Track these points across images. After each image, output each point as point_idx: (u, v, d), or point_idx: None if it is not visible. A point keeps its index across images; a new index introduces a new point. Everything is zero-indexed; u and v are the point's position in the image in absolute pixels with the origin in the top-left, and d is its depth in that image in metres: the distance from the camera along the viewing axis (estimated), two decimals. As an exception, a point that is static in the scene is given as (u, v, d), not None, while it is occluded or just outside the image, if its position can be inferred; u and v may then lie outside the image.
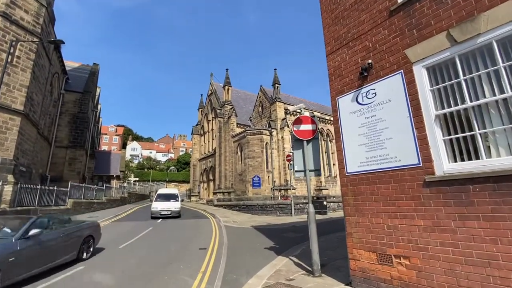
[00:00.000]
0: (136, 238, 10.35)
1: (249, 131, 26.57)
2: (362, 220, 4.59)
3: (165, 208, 17.00)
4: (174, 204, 17.55)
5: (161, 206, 17.09)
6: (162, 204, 17.34)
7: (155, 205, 17.29)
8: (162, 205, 17.21)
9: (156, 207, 16.96)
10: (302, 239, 9.85)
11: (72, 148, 21.69)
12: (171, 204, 17.41)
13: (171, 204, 17.49)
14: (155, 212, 16.76)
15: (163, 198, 18.37)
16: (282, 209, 19.85)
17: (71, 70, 25.36)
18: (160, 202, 17.70)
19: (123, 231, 12.12)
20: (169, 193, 19.49)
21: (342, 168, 5.05)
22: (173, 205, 17.45)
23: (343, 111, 5.20)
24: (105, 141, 72.10)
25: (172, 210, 17.05)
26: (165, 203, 17.49)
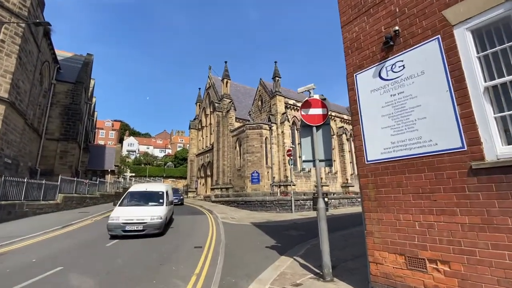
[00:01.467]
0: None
1: (248, 125, 25.77)
2: (386, 216, 3.85)
3: (135, 218, 9.19)
4: (152, 211, 9.68)
5: (128, 214, 9.31)
6: (131, 211, 9.56)
7: (117, 212, 9.44)
8: (130, 212, 9.43)
9: (117, 217, 9.11)
10: (305, 237, 9.15)
11: (64, 141, 20.79)
12: (146, 212, 9.61)
13: (147, 211, 9.69)
14: (113, 227, 8.97)
15: (138, 199, 10.71)
16: (282, 205, 19.16)
17: (64, 60, 24.34)
18: (128, 207, 9.90)
19: (114, 227, 11.34)
20: (149, 192, 11.18)
21: (361, 156, 4.30)
22: (150, 212, 9.59)
23: (363, 89, 4.43)
24: (102, 136, 70.96)
25: (148, 222, 9.18)
26: (138, 209, 9.78)
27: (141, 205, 10.31)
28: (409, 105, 3.78)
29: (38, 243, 8.35)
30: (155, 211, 9.73)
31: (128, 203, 10.43)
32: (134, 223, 9.11)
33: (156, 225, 9.29)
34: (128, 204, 10.34)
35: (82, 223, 12.58)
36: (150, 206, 10.23)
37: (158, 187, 11.80)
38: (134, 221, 9.14)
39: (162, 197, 10.85)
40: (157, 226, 9.29)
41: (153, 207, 10.16)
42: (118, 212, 9.51)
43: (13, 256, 6.77)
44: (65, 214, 14.76)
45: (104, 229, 10.77)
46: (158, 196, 10.96)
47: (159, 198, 10.83)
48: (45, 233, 9.59)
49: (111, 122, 76.68)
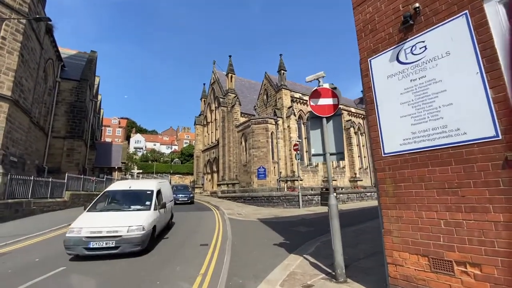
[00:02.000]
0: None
1: (254, 120, 25.42)
2: (406, 214, 3.51)
3: (105, 230, 6.35)
4: (131, 219, 6.80)
5: (96, 224, 6.53)
6: (102, 219, 6.80)
7: (81, 221, 6.67)
8: (100, 221, 6.65)
9: (79, 229, 6.37)
10: (314, 234, 8.86)
11: (70, 139, 20.83)
12: (124, 220, 6.76)
13: (124, 219, 6.84)
14: (72, 243, 6.15)
15: (117, 201, 8.10)
16: (289, 201, 18.88)
17: (68, 58, 24.30)
18: (100, 214, 7.12)
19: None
20: (133, 192, 8.39)
21: (377, 148, 3.94)
22: (128, 221, 6.71)
23: (378, 75, 4.05)
24: (109, 133, 71.63)
25: (124, 235, 6.33)
26: (113, 216, 6.98)
27: (119, 209, 7.41)
28: (432, 91, 3.40)
29: (44, 241, 8.27)
30: (136, 219, 6.71)
31: (101, 207, 7.61)
32: (103, 237, 6.13)
33: (135, 239, 6.25)
34: (101, 208, 7.50)
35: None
36: (131, 212, 7.27)
37: (146, 185, 8.81)
38: (103, 234, 6.16)
39: (150, 198, 7.88)
40: (136, 240, 6.26)
41: (135, 212, 7.19)
42: (82, 220, 6.59)
43: (16, 255, 6.67)
44: (73, 212, 14.77)
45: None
46: (144, 196, 8.02)
47: (145, 199, 7.89)
48: (51, 231, 9.54)
49: (118, 119, 77.27)
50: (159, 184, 9.21)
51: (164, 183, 10.40)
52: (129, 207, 7.65)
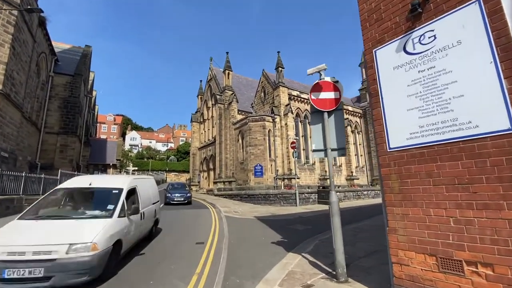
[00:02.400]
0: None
1: (251, 117, 25.20)
2: (413, 211, 3.35)
3: (30, 250, 3.98)
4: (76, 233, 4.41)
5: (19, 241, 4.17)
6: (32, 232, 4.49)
7: None
8: (27, 236, 4.33)
9: None
10: (312, 232, 8.71)
11: (64, 135, 20.40)
12: (64, 234, 4.37)
13: (66, 231, 4.47)
14: None
15: (67, 204, 5.87)
16: (286, 198, 18.74)
17: (62, 52, 23.78)
18: (33, 223, 4.86)
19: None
20: (91, 190, 6.16)
21: (382, 142, 3.77)
22: (70, 235, 4.32)
23: (384, 66, 3.87)
24: (104, 130, 70.85)
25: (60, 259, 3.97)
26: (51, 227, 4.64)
27: (66, 216, 5.17)
28: (442, 82, 3.23)
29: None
30: (86, 232, 4.49)
31: (43, 212, 5.37)
32: (27, 261, 3.94)
33: (80, 264, 4.08)
34: (41, 215, 5.25)
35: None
36: (82, 220, 5.00)
37: (114, 182, 6.44)
38: (26, 256, 3.97)
39: (116, 201, 5.56)
40: (82, 266, 4.08)
41: (87, 221, 4.94)
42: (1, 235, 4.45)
43: None
44: (65, 209, 14.46)
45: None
46: (107, 198, 5.72)
47: (108, 202, 5.56)
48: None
49: (113, 116, 76.45)
50: (135, 181, 6.86)
51: (144, 180, 7.95)
52: (83, 212, 5.37)
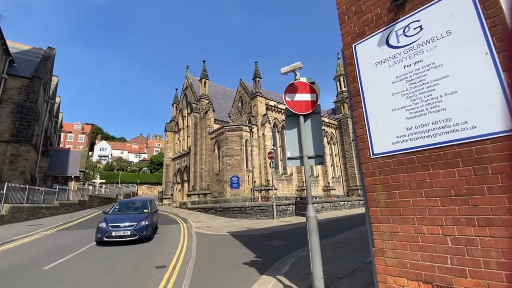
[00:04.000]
0: (75, 253, 7.94)
1: (228, 127, 24.51)
2: (403, 228, 2.83)
3: None
4: None
5: None
6: None
7: None
8: None
9: None
10: (289, 249, 8.06)
11: (15, 143, 18.27)
12: None
13: None
14: None
15: None
16: (263, 211, 18.01)
17: (19, 53, 21.82)
18: None
19: (63, 243, 9.58)
20: None
21: (365, 148, 3.27)
22: None
23: (365, 63, 3.43)
24: (70, 139, 66.11)
25: None
26: None
27: None
28: (431, 77, 2.81)
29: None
30: None
31: None
32: None
33: None
34: None
35: (27, 238, 10.62)
36: None
37: None
38: None
39: None
40: None
41: None
42: None
43: None
44: (9, 228, 12.60)
45: (50, 246, 9.08)
46: None
47: None
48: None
49: (81, 125, 71.85)
50: None
51: None
52: None
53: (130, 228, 9.22)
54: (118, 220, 9.54)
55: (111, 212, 10.74)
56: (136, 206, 11.50)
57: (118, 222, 9.43)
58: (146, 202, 11.56)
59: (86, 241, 9.71)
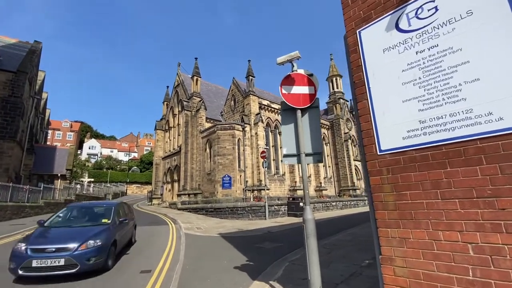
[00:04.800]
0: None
1: (220, 125, 24.04)
2: (415, 234, 2.50)
3: None
4: None
5: None
6: None
7: None
8: None
9: None
10: (282, 251, 7.71)
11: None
12: None
13: None
14: None
15: None
16: (254, 211, 17.64)
17: (5, 47, 20.93)
18: None
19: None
20: None
21: (370, 144, 2.94)
22: None
23: (371, 49, 3.10)
24: (58, 137, 64.24)
25: None
26: None
27: None
28: (448, 64, 2.50)
29: None
30: None
31: None
32: None
33: None
34: None
35: (7, 239, 9.96)
36: None
37: None
38: None
39: None
40: None
41: None
42: None
43: None
44: (-11, 229, 11.84)
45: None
46: None
47: None
48: None
49: (70, 122, 69.93)
50: None
51: None
52: None
53: (64, 254, 5.28)
54: (50, 239, 5.82)
55: (50, 223, 6.70)
56: (93, 214, 7.55)
57: (47, 242, 5.63)
58: (110, 208, 7.56)
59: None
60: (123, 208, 8.53)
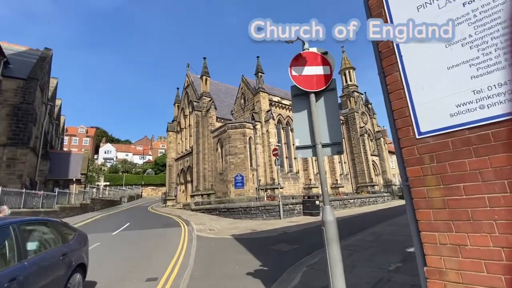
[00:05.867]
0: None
1: (230, 124, 23.64)
2: (474, 240, 1.90)
3: None
4: None
5: None
6: None
7: None
8: None
9: None
10: (299, 254, 7.14)
11: (12, 146, 17.71)
12: None
13: None
14: None
15: None
16: (268, 211, 17.10)
17: (15, 54, 21.31)
18: None
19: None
20: None
21: (405, 126, 2.34)
22: None
23: (400, 8, 2.50)
24: (74, 143, 66.17)
25: None
26: None
27: None
28: (509, 14, 1.87)
29: None
30: None
31: None
32: None
33: None
34: None
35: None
36: None
37: None
38: None
39: None
40: None
41: None
42: None
43: None
44: (2, 235, 11.95)
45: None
46: None
47: None
48: None
49: (85, 128, 71.90)
50: None
51: None
52: None
53: None
54: None
55: None
56: None
57: None
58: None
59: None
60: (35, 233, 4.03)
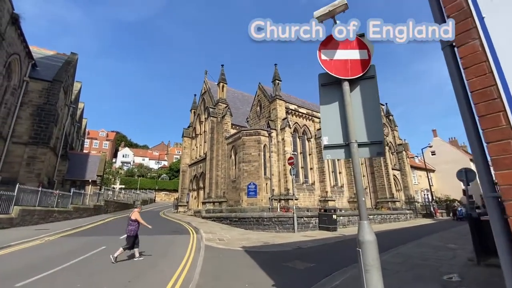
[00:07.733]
0: (63, 266, 6.75)
1: (245, 131, 23.17)
2: None
3: None
4: None
5: None
6: None
7: None
8: None
9: None
10: (316, 274, 6.32)
11: (33, 145, 18.10)
12: None
13: None
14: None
15: None
16: (282, 223, 16.20)
17: (43, 58, 22.23)
18: None
19: (58, 252, 8.50)
20: None
21: (493, 112, 1.65)
22: None
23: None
24: (95, 146, 68.35)
25: None
26: None
27: None
28: None
29: None
30: None
31: None
32: None
33: None
34: None
35: (26, 244, 9.74)
36: None
37: None
38: None
39: None
40: None
41: None
42: None
43: None
44: (15, 232, 11.91)
45: (44, 255, 8.01)
46: None
47: None
48: None
49: (106, 132, 74.31)
50: None
51: None
52: None
53: None
54: None
55: None
56: None
57: None
58: None
59: (82, 251, 8.58)
60: None
